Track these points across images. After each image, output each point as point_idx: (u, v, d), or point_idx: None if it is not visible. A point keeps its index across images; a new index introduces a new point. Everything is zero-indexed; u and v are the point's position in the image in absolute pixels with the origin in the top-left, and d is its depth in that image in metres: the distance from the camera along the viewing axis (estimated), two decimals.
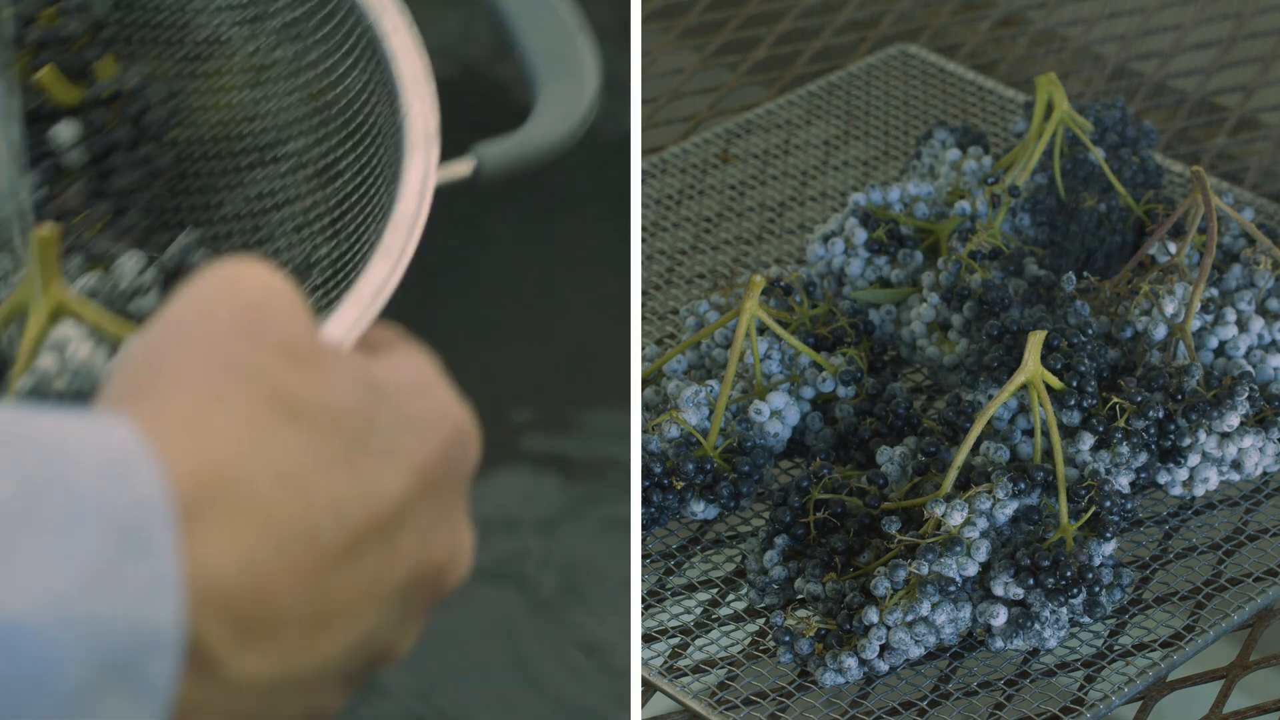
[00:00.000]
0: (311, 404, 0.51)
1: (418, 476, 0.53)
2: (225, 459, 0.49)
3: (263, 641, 0.49)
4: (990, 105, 1.11)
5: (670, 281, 1.00)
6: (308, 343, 0.52)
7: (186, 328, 0.52)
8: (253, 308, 0.52)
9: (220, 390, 0.50)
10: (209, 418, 0.49)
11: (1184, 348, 0.86)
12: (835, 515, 0.80)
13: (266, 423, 0.50)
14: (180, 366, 0.51)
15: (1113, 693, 0.78)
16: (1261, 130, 1.12)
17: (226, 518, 0.48)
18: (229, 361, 0.51)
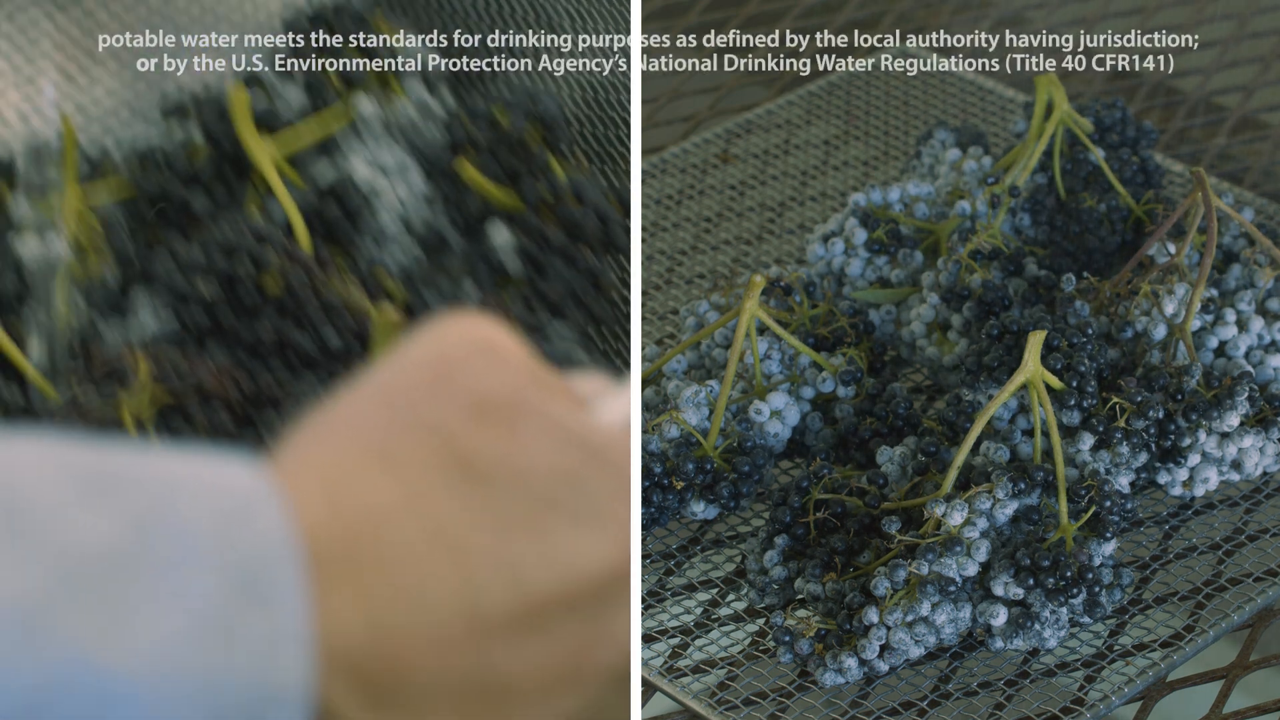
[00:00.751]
0: (493, 462, 0.47)
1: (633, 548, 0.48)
2: (367, 512, 0.45)
3: (405, 712, 0.45)
4: (990, 105, 1.11)
5: (670, 281, 1.00)
6: (504, 399, 0.48)
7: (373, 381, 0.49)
8: (448, 361, 0.49)
9: (384, 444, 0.47)
10: (358, 470, 0.46)
11: (1184, 348, 0.86)
12: (835, 515, 0.80)
13: (431, 480, 0.47)
14: (347, 417, 0.48)
15: (1113, 693, 0.78)
16: (1261, 130, 1.12)
17: (359, 574, 0.45)
18: (403, 415, 0.48)
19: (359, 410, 0.48)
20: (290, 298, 0.77)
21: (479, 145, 0.84)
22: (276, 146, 0.84)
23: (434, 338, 0.50)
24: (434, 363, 0.49)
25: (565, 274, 0.83)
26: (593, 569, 0.47)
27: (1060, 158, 0.95)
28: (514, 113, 0.84)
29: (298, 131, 0.85)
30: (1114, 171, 0.95)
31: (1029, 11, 1.24)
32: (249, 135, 0.84)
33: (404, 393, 0.48)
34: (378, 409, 0.48)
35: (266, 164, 0.83)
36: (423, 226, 0.83)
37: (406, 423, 0.47)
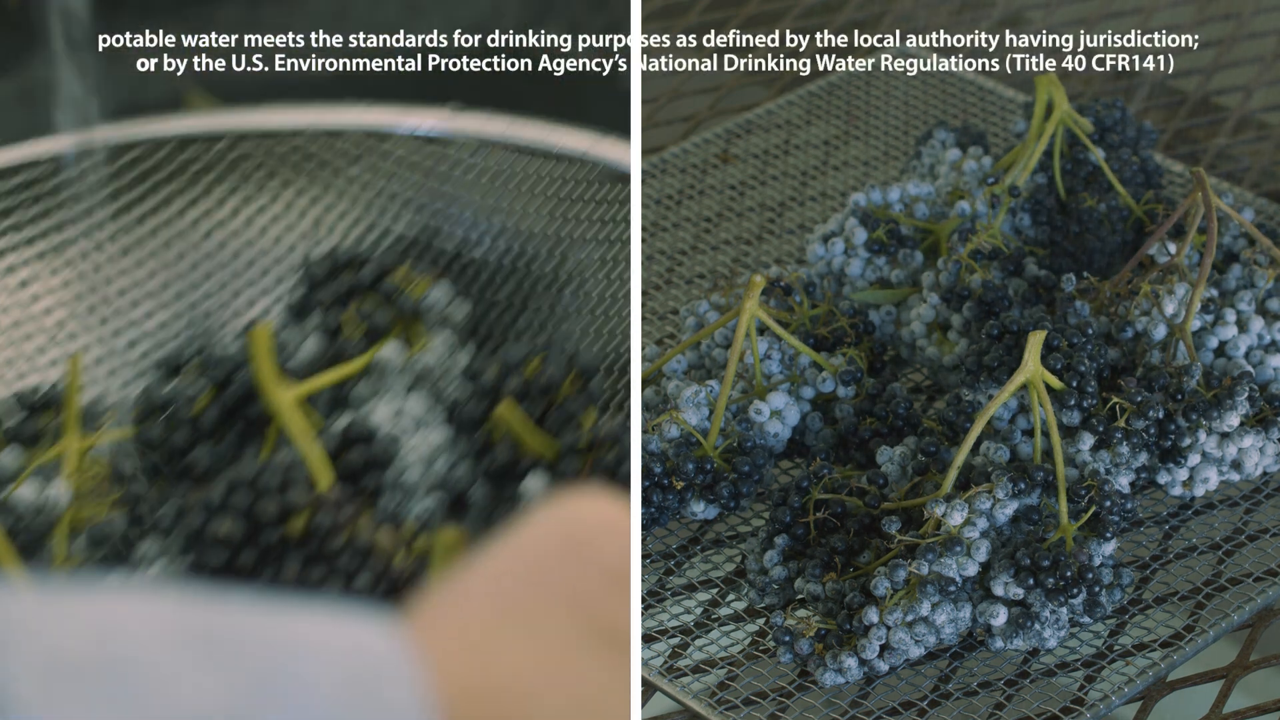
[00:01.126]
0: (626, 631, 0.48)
1: None
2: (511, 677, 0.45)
3: None
4: (990, 105, 1.11)
5: (670, 281, 1.00)
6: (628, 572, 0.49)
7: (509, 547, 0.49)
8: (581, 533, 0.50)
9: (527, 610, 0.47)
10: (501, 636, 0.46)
11: (1184, 348, 0.86)
12: (835, 515, 0.80)
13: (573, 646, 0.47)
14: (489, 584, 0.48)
15: (1113, 693, 0.78)
16: (1261, 130, 1.12)
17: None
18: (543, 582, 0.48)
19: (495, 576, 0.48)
20: (315, 540, 0.76)
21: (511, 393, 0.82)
22: (294, 390, 0.82)
23: (563, 511, 0.51)
24: (567, 534, 0.50)
25: None
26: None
27: (1060, 158, 0.95)
28: (550, 360, 0.83)
29: (317, 377, 0.83)
30: (1114, 171, 0.95)
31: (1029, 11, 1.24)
32: (268, 376, 0.82)
33: (540, 561, 0.48)
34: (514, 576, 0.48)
35: (285, 406, 0.81)
36: (447, 479, 0.82)
37: (545, 590, 0.48)
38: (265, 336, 0.82)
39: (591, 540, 0.49)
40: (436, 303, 0.86)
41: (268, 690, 0.41)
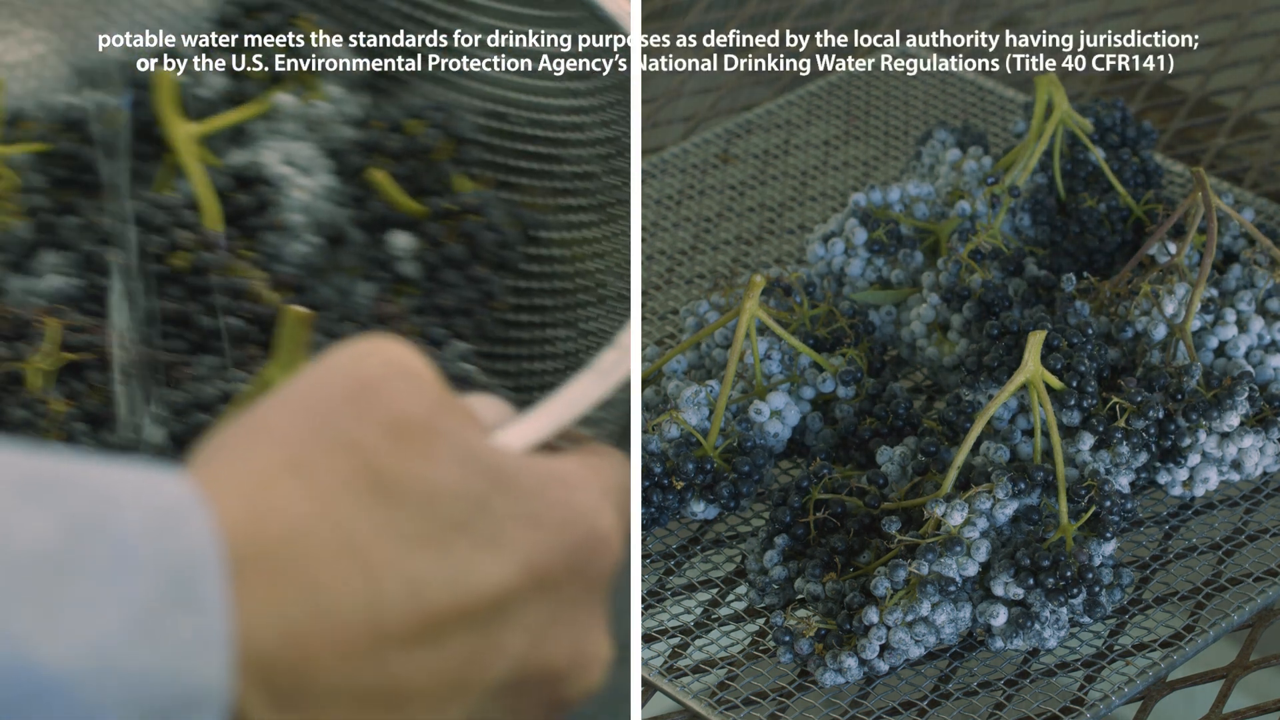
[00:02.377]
0: (405, 481, 0.49)
1: (528, 571, 0.51)
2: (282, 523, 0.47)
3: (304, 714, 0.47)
4: (990, 105, 1.11)
5: (670, 281, 1.00)
6: (421, 419, 0.51)
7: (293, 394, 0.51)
8: (368, 381, 0.51)
9: (301, 456, 0.49)
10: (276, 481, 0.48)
11: (1184, 348, 0.86)
12: (835, 515, 0.80)
13: (345, 493, 0.49)
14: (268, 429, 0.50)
15: (1113, 693, 0.78)
16: (1261, 130, 1.12)
17: (273, 582, 0.46)
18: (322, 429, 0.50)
19: (277, 422, 0.50)
20: (196, 276, 0.80)
21: (391, 152, 0.86)
22: (193, 127, 0.85)
23: (352, 357, 0.52)
24: (352, 381, 0.51)
25: (460, 287, 0.85)
26: (489, 587, 0.50)
27: (1060, 158, 0.95)
28: (428, 125, 0.86)
29: (216, 117, 0.87)
30: (1114, 171, 0.95)
31: (1029, 11, 1.24)
32: (170, 114, 0.85)
33: (322, 408, 0.50)
34: (296, 422, 0.50)
35: (185, 144, 0.85)
36: (327, 223, 0.86)
37: (324, 437, 0.49)
38: (167, 72, 0.85)
39: (375, 387, 0.51)
40: (335, 52, 0.88)
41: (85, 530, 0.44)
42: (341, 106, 0.88)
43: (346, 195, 0.86)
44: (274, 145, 0.86)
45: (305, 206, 0.85)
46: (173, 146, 0.85)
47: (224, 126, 0.86)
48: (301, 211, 0.85)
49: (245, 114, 0.87)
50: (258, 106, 0.87)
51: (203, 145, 0.86)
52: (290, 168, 0.86)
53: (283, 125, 0.87)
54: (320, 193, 0.86)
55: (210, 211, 0.83)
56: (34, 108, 0.87)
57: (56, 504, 0.44)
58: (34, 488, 0.45)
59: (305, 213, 0.85)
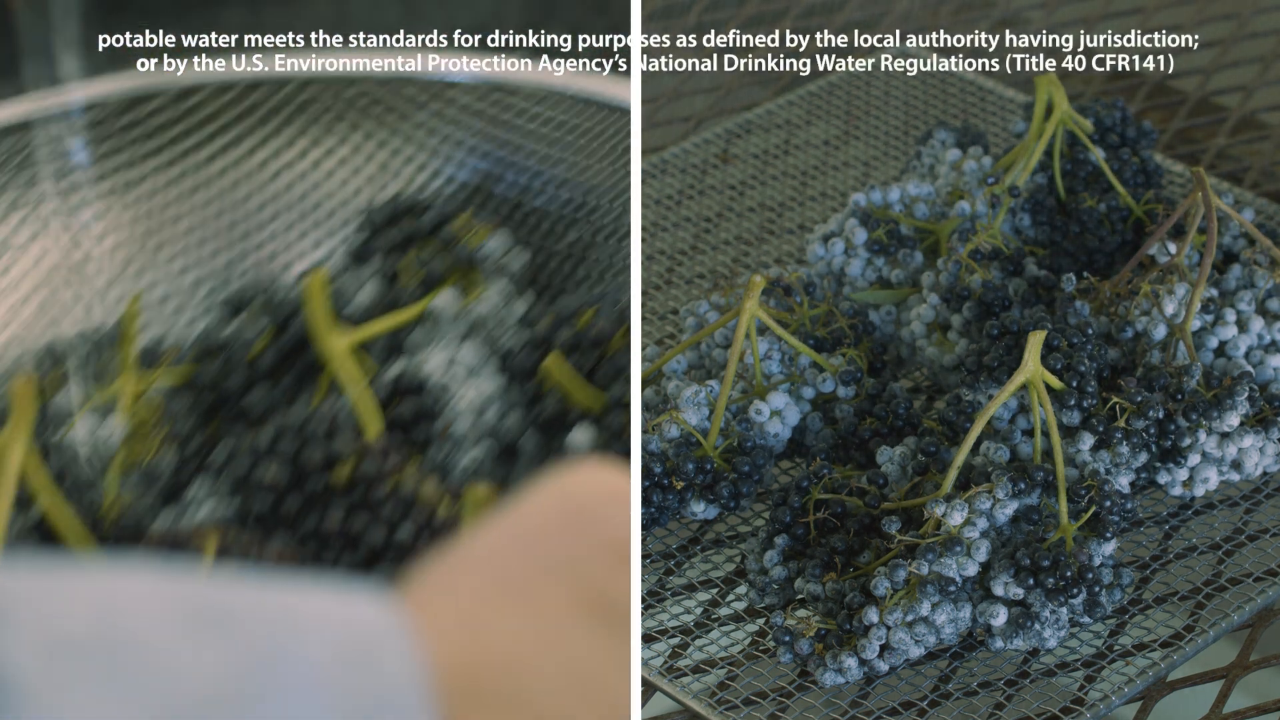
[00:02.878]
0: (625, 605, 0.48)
1: None
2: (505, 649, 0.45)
3: None
4: (990, 105, 1.11)
5: (670, 281, 1.00)
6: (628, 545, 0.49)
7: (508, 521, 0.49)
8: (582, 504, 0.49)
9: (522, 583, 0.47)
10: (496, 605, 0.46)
11: (1184, 348, 0.86)
12: (835, 515, 0.80)
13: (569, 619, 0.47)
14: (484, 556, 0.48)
15: (1113, 693, 0.78)
16: (1261, 130, 1.12)
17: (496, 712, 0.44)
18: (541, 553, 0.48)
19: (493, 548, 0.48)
20: (361, 489, 0.76)
21: (562, 345, 0.83)
22: (348, 336, 0.83)
23: (565, 483, 0.50)
24: (568, 505, 0.49)
25: None
26: None
27: (1060, 158, 0.95)
28: (602, 312, 0.83)
29: (368, 325, 0.83)
30: (1114, 171, 0.95)
31: (1029, 11, 1.24)
32: (324, 327, 0.82)
33: (539, 533, 0.48)
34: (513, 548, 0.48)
35: (339, 356, 0.81)
36: (498, 428, 0.82)
37: (543, 562, 0.47)
38: (320, 283, 0.82)
39: (592, 511, 0.49)
40: (493, 251, 0.86)
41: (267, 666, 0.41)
42: (505, 304, 0.86)
43: (517, 398, 0.83)
44: (437, 350, 0.83)
45: (473, 412, 0.82)
46: (327, 359, 0.82)
47: (378, 334, 0.83)
48: (470, 417, 0.82)
49: (399, 320, 0.84)
50: (412, 311, 0.84)
51: (361, 356, 0.82)
52: (454, 372, 0.83)
53: (444, 329, 0.84)
54: (489, 397, 0.83)
55: (370, 423, 0.80)
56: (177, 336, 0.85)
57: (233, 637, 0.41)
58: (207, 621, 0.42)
59: (474, 419, 0.82)
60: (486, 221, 0.87)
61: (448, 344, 0.84)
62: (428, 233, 0.86)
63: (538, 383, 0.82)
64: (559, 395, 0.82)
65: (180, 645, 0.41)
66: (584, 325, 0.82)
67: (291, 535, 0.76)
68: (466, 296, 0.85)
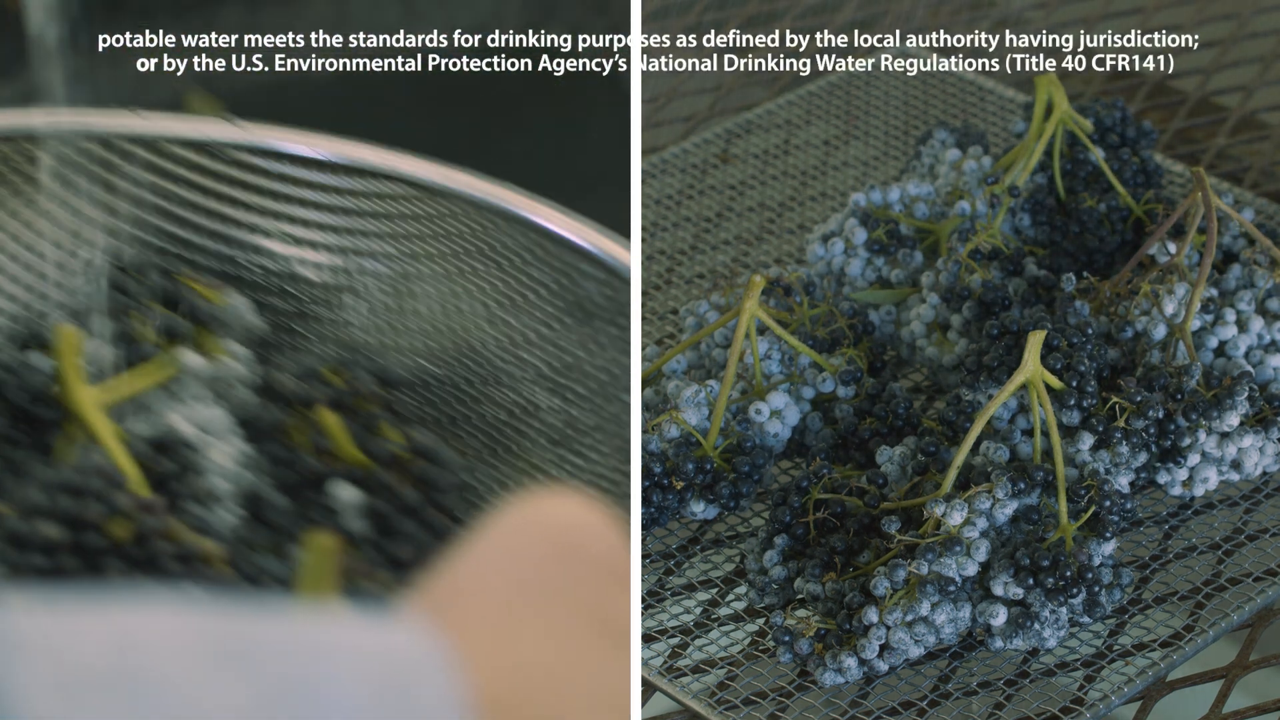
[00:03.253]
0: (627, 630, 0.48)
1: None
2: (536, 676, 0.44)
3: None
4: (990, 105, 1.11)
5: (670, 281, 1.00)
6: (625, 566, 0.50)
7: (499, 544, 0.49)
8: (566, 528, 0.49)
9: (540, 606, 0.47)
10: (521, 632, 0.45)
11: (1184, 348, 0.86)
12: (835, 515, 0.80)
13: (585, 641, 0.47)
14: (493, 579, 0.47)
15: (1113, 693, 0.78)
16: (1261, 130, 1.12)
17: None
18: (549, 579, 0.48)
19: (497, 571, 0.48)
20: (140, 545, 0.74)
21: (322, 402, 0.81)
22: (100, 394, 0.80)
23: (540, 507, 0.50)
24: (555, 531, 0.49)
25: (416, 535, 0.79)
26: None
27: (1060, 158, 0.95)
28: (356, 371, 0.82)
29: (119, 381, 0.81)
30: (1114, 171, 0.95)
31: (1029, 11, 1.24)
32: (74, 380, 0.79)
33: (538, 558, 0.48)
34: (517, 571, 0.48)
35: (91, 411, 0.79)
36: (249, 492, 0.80)
37: (552, 585, 0.47)
38: (72, 338, 0.79)
39: (583, 539, 0.49)
40: (232, 310, 0.84)
41: (293, 698, 0.40)
42: (246, 365, 0.84)
43: (267, 458, 0.81)
44: (181, 410, 0.81)
45: (223, 470, 0.80)
46: (79, 413, 0.79)
47: (133, 393, 0.80)
48: (221, 476, 0.80)
49: (156, 377, 0.81)
50: (165, 370, 0.81)
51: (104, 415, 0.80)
52: (202, 433, 0.80)
53: (185, 390, 0.82)
54: (237, 457, 0.80)
55: (134, 478, 0.77)
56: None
57: (260, 671, 0.40)
58: (232, 654, 0.40)
59: (225, 477, 0.80)
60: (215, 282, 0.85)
61: (193, 404, 0.82)
62: (163, 293, 0.84)
63: (285, 442, 0.80)
64: (313, 453, 0.80)
65: (204, 680, 0.40)
66: (341, 383, 0.81)
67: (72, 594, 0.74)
68: (206, 355, 0.83)
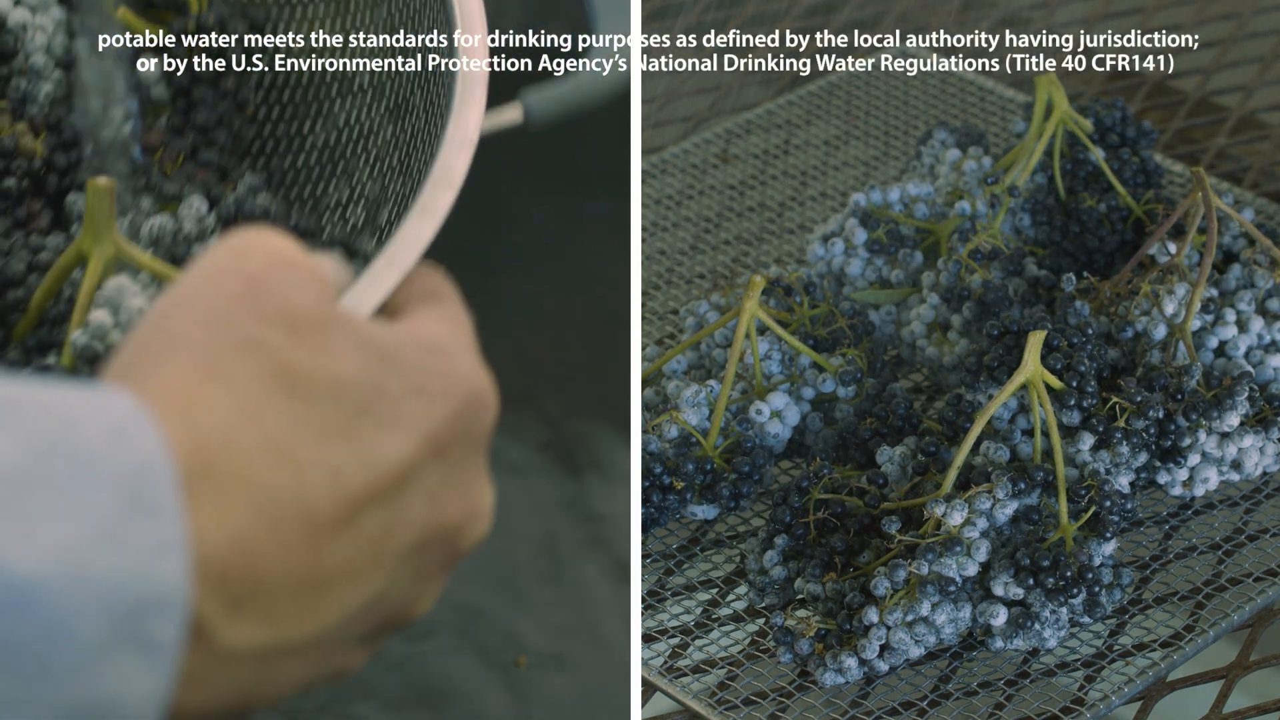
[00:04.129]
0: (311, 375, 0.52)
1: (425, 441, 0.53)
2: (216, 432, 0.49)
3: (255, 612, 0.49)
4: (990, 105, 1.11)
5: (670, 281, 1.00)
6: (313, 312, 0.53)
7: (190, 299, 0.53)
8: (257, 278, 0.53)
9: (216, 363, 0.51)
10: (201, 391, 0.50)
11: (1184, 348, 0.86)
12: (835, 515, 0.80)
13: (262, 395, 0.51)
14: (179, 338, 0.52)
15: (1113, 693, 0.78)
16: (1261, 130, 1.12)
17: (217, 490, 0.48)
18: (228, 333, 0.51)
19: (187, 328, 0.52)
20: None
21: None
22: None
23: (234, 254, 0.54)
24: (241, 280, 0.53)
25: (212, 102, 0.84)
26: (394, 463, 0.52)
27: (1060, 158, 0.95)
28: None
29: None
30: (1114, 171, 0.95)
31: (1029, 11, 1.24)
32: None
33: (221, 311, 0.52)
34: (203, 327, 0.52)
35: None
36: (68, 59, 0.84)
37: (232, 340, 0.51)
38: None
39: (266, 283, 0.53)
40: None
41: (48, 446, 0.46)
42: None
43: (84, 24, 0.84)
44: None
45: (46, 45, 0.84)
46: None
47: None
48: (44, 51, 0.84)
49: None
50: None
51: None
52: (25, 9, 0.84)
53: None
54: (57, 27, 0.84)
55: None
56: None
57: (18, 426, 0.46)
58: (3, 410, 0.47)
59: (47, 52, 0.84)
60: None
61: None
62: None
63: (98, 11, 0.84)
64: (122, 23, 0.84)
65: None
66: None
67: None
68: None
